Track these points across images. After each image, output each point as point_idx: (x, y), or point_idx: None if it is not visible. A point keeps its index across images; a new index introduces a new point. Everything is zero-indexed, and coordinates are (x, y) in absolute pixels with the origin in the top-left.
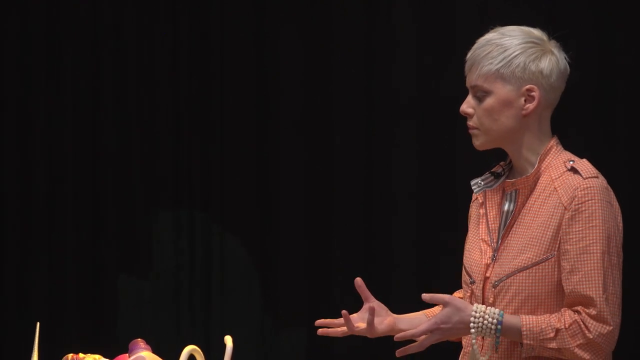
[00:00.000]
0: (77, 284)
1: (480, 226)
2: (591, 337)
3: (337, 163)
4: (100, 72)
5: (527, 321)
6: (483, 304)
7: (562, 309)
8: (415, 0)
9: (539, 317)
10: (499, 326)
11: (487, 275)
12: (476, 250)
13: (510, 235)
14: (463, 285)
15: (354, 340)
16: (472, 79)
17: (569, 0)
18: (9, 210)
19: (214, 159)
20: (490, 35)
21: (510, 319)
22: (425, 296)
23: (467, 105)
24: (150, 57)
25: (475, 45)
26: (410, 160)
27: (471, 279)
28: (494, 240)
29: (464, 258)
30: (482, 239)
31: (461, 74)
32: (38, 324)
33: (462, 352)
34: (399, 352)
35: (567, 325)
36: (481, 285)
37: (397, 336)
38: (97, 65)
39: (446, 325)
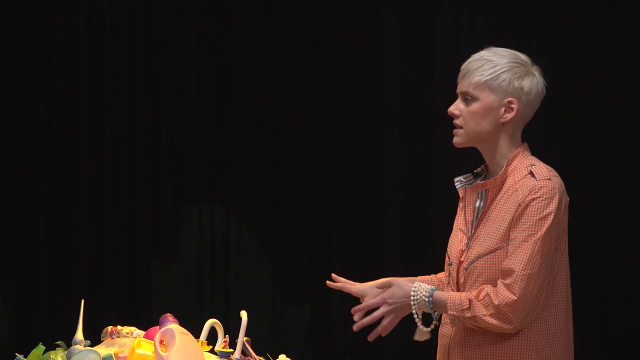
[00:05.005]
0: (116, 268)
1: (460, 218)
2: (497, 303)
3: (335, 165)
4: (134, 86)
5: (452, 296)
6: (457, 283)
7: (484, 286)
8: (402, 21)
9: (462, 293)
10: (430, 299)
11: (461, 259)
12: (456, 238)
13: (480, 227)
14: (445, 266)
15: (352, 316)
16: (463, 85)
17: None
18: (56, 207)
19: (232, 161)
20: (483, 52)
21: (438, 295)
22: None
23: (455, 107)
24: (177, 77)
25: (470, 59)
26: (396, 160)
27: (449, 261)
28: (469, 230)
29: (448, 243)
30: (460, 228)
31: (440, 86)
32: (83, 301)
33: (441, 323)
34: (370, 337)
35: (480, 297)
36: (456, 268)
37: (354, 309)
38: (131, 82)
39: (391, 299)
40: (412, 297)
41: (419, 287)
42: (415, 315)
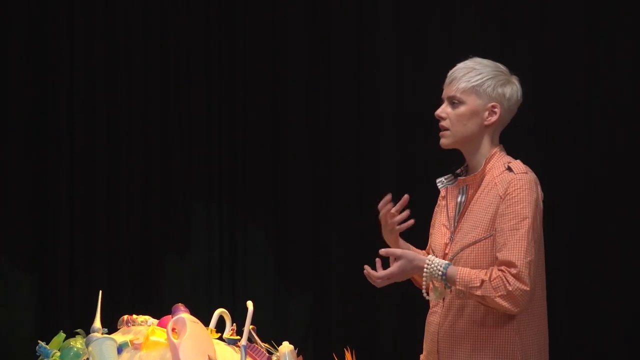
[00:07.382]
0: (131, 261)
1: (442, 214)
2: (511, 289)
3: (334, 168)
4: (149, 90)
5: (462, 272)
6: None
7: (491, 267)
8: (397, 31)
9: (473, 270)
10: (444, 270)
11: (446, 252)
12: (439, 233)
13: (462, 221)
14: None
15: (350, 306)
16: (451, 90)
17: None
18: (76, 204)
19: (239, 163)
20: (468, 62)
21: (451, 269)
22: (382, 251)
23: (441, 111)
24: (188, 82)
25: (456, 67)
26: (394, 160)
27: (434, 254)
28: (452, 225)
29: (431, 239)
30: (443, 224)
31: (437, 86)
32: (100, 292)
33: (429, 312)
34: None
35: (491, 279)
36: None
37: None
38: (145, 86)
39: (403, 271)
40: (425, 269)
41: (432, 261)
42: (424, 284)
